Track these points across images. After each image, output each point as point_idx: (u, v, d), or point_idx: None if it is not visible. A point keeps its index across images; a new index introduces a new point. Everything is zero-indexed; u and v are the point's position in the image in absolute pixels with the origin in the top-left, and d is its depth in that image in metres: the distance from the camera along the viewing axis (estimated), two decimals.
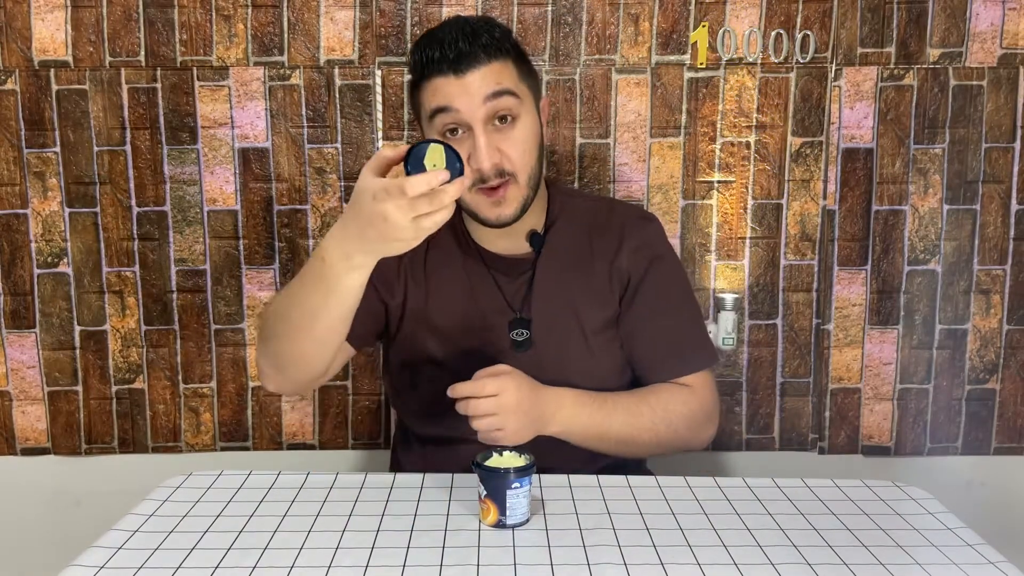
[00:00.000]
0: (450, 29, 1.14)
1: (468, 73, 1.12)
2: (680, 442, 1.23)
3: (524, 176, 1.17)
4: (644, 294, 1.25)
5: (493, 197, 1.16)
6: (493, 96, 1.12)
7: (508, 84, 1.14)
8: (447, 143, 0.97)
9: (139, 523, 1.00)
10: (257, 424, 1.71)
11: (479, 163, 1.13)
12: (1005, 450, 1.74)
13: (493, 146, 1.13)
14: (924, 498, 1.08)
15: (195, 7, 1.58)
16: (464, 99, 1.12)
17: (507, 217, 1.18)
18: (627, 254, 1.26)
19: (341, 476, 1.13)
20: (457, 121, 1.13)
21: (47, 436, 1.70)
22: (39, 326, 1.67)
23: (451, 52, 1.11)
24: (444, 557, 0.91)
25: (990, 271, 1.69)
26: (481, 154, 1.13)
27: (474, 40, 1.12)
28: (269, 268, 1.66)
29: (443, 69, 1.12)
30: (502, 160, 1.14)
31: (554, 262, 1.25)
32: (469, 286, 1.25)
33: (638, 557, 0.91)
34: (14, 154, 1.62)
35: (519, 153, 1.15)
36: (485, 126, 1.13)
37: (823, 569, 0.89)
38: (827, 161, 1.65)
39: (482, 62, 1.12)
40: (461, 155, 0.97)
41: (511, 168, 1.15)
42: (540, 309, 1.24)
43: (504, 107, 1.14)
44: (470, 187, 1.15)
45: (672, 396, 1.23)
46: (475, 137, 1.13)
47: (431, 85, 1.14)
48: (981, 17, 1.61)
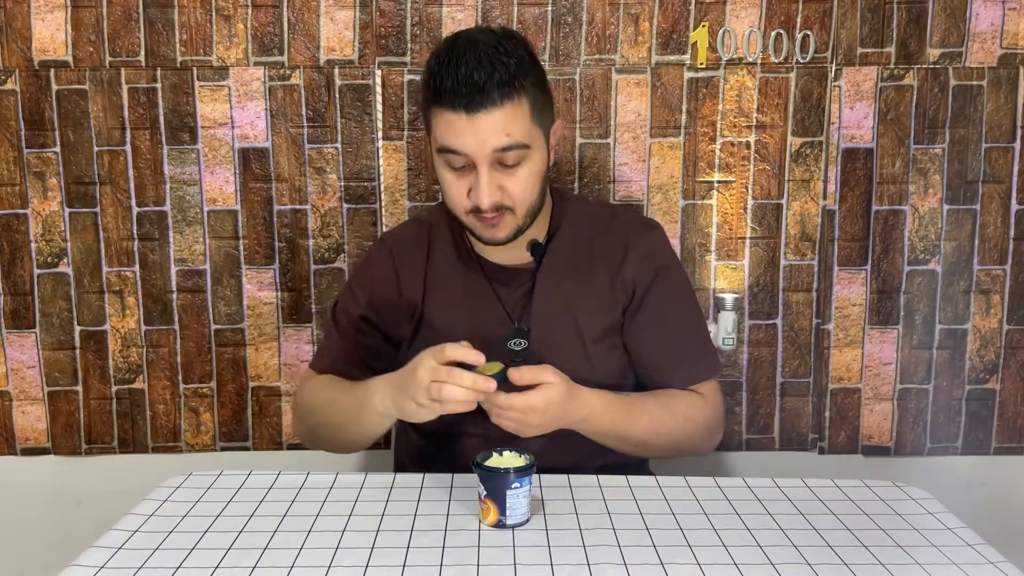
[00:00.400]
0: (467, 53, 1.09)
1: (478, 114, 1.09)
2: (692, 448, 1.25)
3: (522, 210, 1.17)
4: (650, 303, 1.25)
5: (488, 222, 1.16)
6: (502, 149, 1.11)
7: (518, 135, 1.11)
8: (507, 365, 1.03)
9: (139, 523, 1.00)
10: (257, 424, 1.71)
11: (479, 200, 1.13)
12: (1005, 450, 1.74)
13: (495, 184, 1.13)
14: (924, 498, 1.08)
15: (195, 7, 1.58)
16: (473, 142, 1.10)
17: (500, 239, 1.18)
18: (632, 263, 1.26)
19: (341, 476, 1.13)
20: (463, 162, 1.13)
21: (47, 436, 1.70)
22: (39, 326, 1.67)
23: (465, 88, 1.08)
24: (444, 557, 0.91)
25: (990, 271, 1.69)
26: (483, 193, 1.12)
27: (490, 75, 1.08)
28: (269, 268, 1.66)
29: (455, 105, 1.09)
30: (503, 197, 1.14)
31: (555, 271, 1.25)
32: (468, 296, 1.25)
33: (638, 557, 0.91)
34: (14, 154, 1.62)
35: (520, 191, 1.15)
36: (490, 166, 1.12)
37: (823, 569, 0.89)
38: (827, 161, 1.65)
39: (495, 103, 1.09)
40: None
41: (510, 203, 1.15)
42: (539, 319, 1.24)
43: (511, 158, 1.12)
44: (467, 212, 1.16)
45: (691, 404, 1.24)
46: (478, 176, 1.12)
47: (442, 117, 1.12)
48: (981, 17, 1.61)
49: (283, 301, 1.67)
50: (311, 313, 1.67)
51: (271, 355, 1.68)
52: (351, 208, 1.65)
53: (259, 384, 1.69)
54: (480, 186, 1.12)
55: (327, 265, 1.66)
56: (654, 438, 1.20)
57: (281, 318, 1.67)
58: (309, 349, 1.68)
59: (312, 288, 1.67)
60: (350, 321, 1.29)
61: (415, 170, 1.64)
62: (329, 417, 1.22)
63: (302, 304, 1.67)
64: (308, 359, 1.68)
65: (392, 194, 1.64)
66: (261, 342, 1.68)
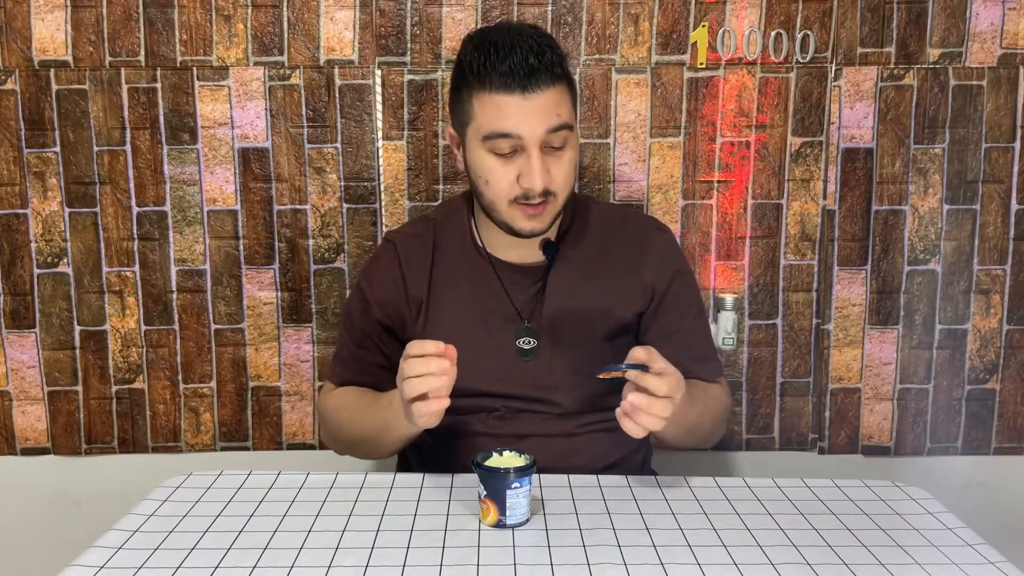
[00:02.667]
0: (516, 40, 1.10)
1: (536, 95, 1.10)
2: (715, 437, 1.31)
3: (563, 196, 1.18)
4: (668, 306, 1.27)
5: (531, 212, 1.16)
6: (555, 129, 1.12)
7: (567, 116, 1.13)
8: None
9: (139, 523, 1.00)
10: (257, 424, 1.71)
11: (531, 183, 1.13)
12: (1005, 450, 1.74)
13: (545, 168, 1.13)
14: (924, 498, 1.09)
15: (195, 7, 1.58)
16: (527, 125, 1.11)
17: (540, 230, 1.19)
18: (651, 267, 1.27)
19: (341, 476, 1.13)
20: (514, 146, 1.13)
21: (47, 436, 1.70)
22: (39, 326, 1.67)
23: (522, 70, 1.08)
24: (444, 557, 0.91)
25: (990, 271, 1.69)
26: (535, 176, 1.12)
27: (542, 58, 1.10)
28: (269, 268, 1.66)
29: (510, 86, 1.09)
30: (550, 182, 1.14)
31: (567, 270, 1.26)
32: (477, 294, 1.25)
33: (638, 557, 0.91)
34: (14, 154, 1.62)
35: (564, 175, 1.16)
36: (541, 149, 1.13)
37: (823, 569, 0.89)
38: (827, 161, 1.65)
39: (548, 84, 1.11)
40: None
41: (555, 189, 1.15)
42: (551, 317, 1.24)
43: (561, 140, 1.14)
44: (511, 201, 1.15)
45: (721, 395, 1.29)
46: (529, 158, 1.12)
47: (492, 101, 1.11)
48: (981, 17, 1.61)
49: (283, 301, 1.67)
50: (311, 313, 1.67)
51: (271, 355, 1.69)
52: (351, 208, 1.65)
53: (259, 384, 1.69)
54: (533, 169, 1.12)
55: (327, 265, 1.66)
56: (702, 423, 1.22)
57: (281, 318, 1.67)
58: (309, 349, 1.68)
59: (312, 288, 1.67)
60: (360, 324, 1.29)
61: (415, 170, 1.64)
62: (359, 433, 1.23)
63: (302, 304, 1.67)
64: (308, 359, 1.68)
65: (392, 194, 1.64)
66: (261, 342, 1.68)
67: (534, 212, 1.16)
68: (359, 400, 1.24)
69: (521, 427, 1.22)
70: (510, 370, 1.22)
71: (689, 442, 1.24)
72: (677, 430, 1.18)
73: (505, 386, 1.22)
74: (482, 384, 1.22)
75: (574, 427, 1.22)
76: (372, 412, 1.19)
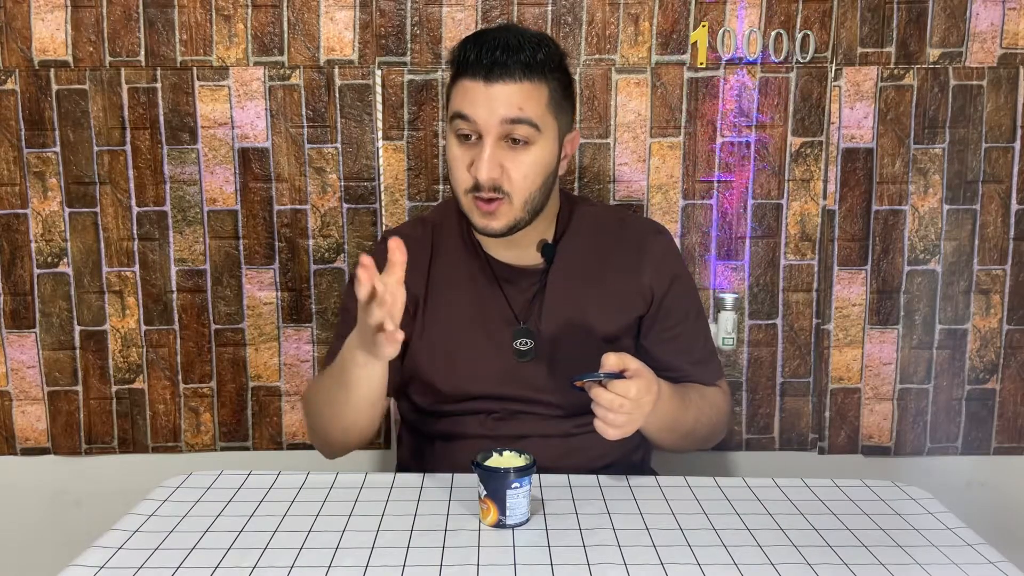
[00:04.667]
0: (496, 34, 1.13)
1: (495, 84, 1.11)
2: (716, 438, 1.30)
3: (520, 199, 1.16)
4: (668, 309, 1.27)
5: (484, 208, 1.16)
6: (511, 121, 1.12)
7: (531, 113, 1.12)
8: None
9: (139, 523, 1.00)
10: (257, 424, 1.71)
11: (478, 172, 1.13)
12: (1005, 450, 1.74)
13: (496, 161, 1.13)
14: (924, 498, 1.09)
15: (195, 7, 1.58)
16: (484, 110, 1.12)
17: (494, 230, 1.17)
18: (649, 269, 1.27)
19: (341, 476, 1.13)
20: (471, 130, 1.14)
21: (47, 436, 1.70)
22: (39, 326, 1.67)
23: (486, 58, 1.11)
24: (444, 557, 0.91)
25: (990, 271, 1.69)
26: (482, 165, 1.12)
27: (514, 53, 1.11)
28: (269, 268, 1.66)
29: (474, 73, 1.12)
30: (502, 177, 1.14)
31: (565, 272, 1.25)
32: (474, 295, 1.25)
33: (638, 557, 0.91)
34: (14, 154, 1.62)
35: (520, 176, 1.15)
36: (496, 140, 1.13)
37: (823, 569, 0.89)
38: (827, 161, 1.65)
39: (514, 78, 1.11)
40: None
41: (508, 188, 1.14)
42: (549, 319, 1.24)
43: (520, 134, 1.13)
44: (466, 191, 1.16)
45: (718, 395, 1.29)
46: (483, 147, 1.13)
47: (460, 86, 1.14)
48: (981, 17, 1.61)
49: (283, 301, 1.67)
50: (311, 313, 1.67)
51: (271, 355, 1.69)
52: (351, 208, 1.65)
53: (259, 384, 1.69)
54: (482, 157, 1.12)
55: (327, 265, 1.66)
56: (698, 428, 1.22)
57: (281, 318, 1.67)
58: (309, 349, 1.68)
59: (312, 288, 1.67)
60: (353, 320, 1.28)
61: (415, 170, 1.64)
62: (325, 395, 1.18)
63: (302, 304, 1.67)
64: (308, 359, 1.68)
65: (392, 194, 1.64)
66: (261, 342, 1.68)
67: (486, 208, 1.15)
68: (325, 374, 1.20)
69: (519, 428, 1.22)
70: (507, 371, 1.22)
71: (685, 445, 1.25)
72: (670, 434, 1.19)
73: (503, 387, 1.22)
74: (480, 386, 1.22)
75: (572, 428, 1.22)
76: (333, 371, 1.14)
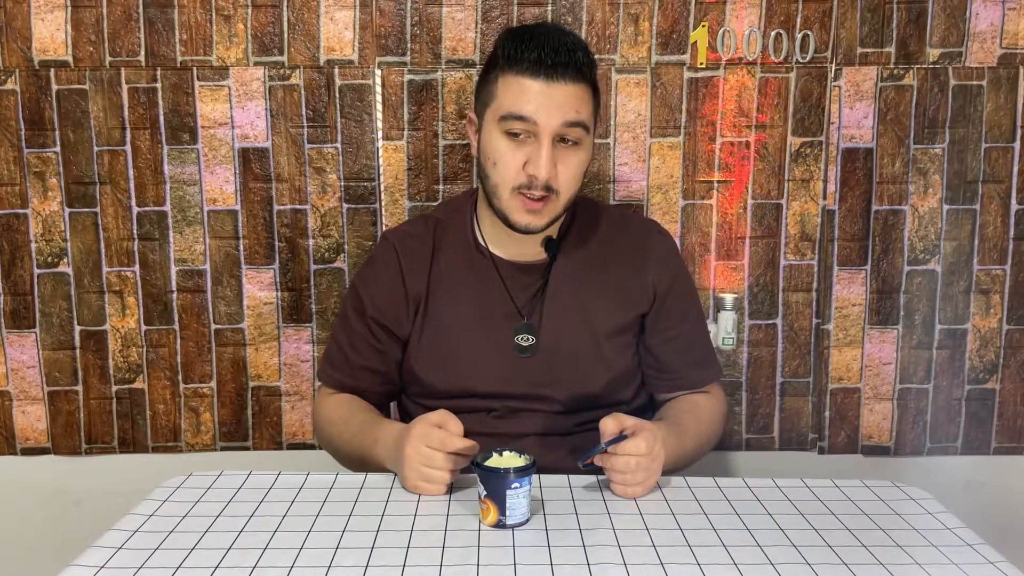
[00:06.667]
0: (551, 34, 1.14)
1: (558, 85, 1.12)
2: (711, 448, 1.31)
3: (565, 198, 1.18)
4: (669, 309, 1.28)
5: (531, 206, 1.16)
6: (570, 124, 1.14)
7: (584, 116, 1.15)
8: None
9: (139, 523, 1.00)
10: (257, 424, 1.71)
11: (537, 170, 1.14)
12: (1005, 450, 1.74)
13: (553, 161, 1.14)
14: (923, 498, 1.09)
15: (195, 7, 1.58)
16: (545, 112, 1.12)
17: (536, 227, 1.19)
18: (652, 268, 1.28)
19: (341, 476, 1.13)
20: (526, 129, 1.14)
21: (47, 436, 1.70)
22: (39, 326, 1.67)
23: (550, 58, 1.11)
24: (444, 557, 0.91)
25: (990, 271, 1.69)
26: (541, 164, 1.13)
27: (573, 54, 1.13)
28: (269, 268, 1.66)
29: (537, 71, 1.12)
30: (554, 177, 1.15)
31: (568, 268, 1.26)
32: (476, 291, 1.25)
33: (638, 557, 0.91)
34: (14, 154, 1.62)
35: (570, 176, 1.17)
36: (553, 140, 1.14)
37: (823, 569, 0.89)
38: (827, 161, 1.65)
39: (573, 80, 1.13)
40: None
41: (558, 187, 1.16)
42: (551, 315, 1.24)
43: (573, 135, 1.15)
44: (514, 188, 1.16)
45: (709, 407, 1.30)
46: (540, 146, 1.14)
47: (517, 83, 1.13)
48: (981, 17, 1.61)
49: (283, 301, 1.67)
50: (311, 313, 1.67)
51: (271, 355, 1.69)
52: (351, 208, 1.65)
53: (259, 384, 1.70)
54: (541, 157, 1.13)
55: (327, 265, 1.66)
56: (699, 451, 1.26)
57: (281, 318, 1.67)
58: (309, 349, 1.68)
59: (312, 288, 1.67)
60: (355, 324, 1.29)
61: (415, 170, 1.64)
62: (346, 451, 1.25)
63: (302, 304, 1.67)
64: (308, 359, 1.68)
65: (392, 194, 1.64)
66: (261, 342, 1.68)
67: (533, 206, 1.16)
68: (349, 419, 1.25)
69: (520, 426, 1.22)
70: (508, 367, 1.22)
71: (693, 462, 1.27)
72: (674, 467, 1.19)
73: (503, 384, 1.22)
74: (480, 383, 1.22)
75: (572, 425, 1.23)
76: (359, 439, 1.20)
